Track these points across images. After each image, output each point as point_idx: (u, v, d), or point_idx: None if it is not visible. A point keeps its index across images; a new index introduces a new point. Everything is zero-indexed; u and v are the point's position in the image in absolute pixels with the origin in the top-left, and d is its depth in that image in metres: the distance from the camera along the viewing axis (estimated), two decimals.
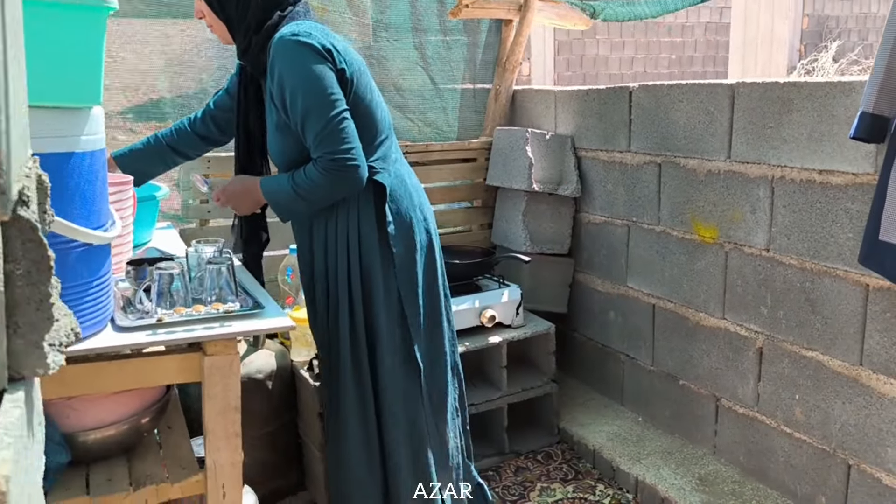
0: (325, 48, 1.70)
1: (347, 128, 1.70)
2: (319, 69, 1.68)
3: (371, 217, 1.85)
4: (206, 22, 1.86)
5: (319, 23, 1.83)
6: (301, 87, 1.68)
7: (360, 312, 1.89)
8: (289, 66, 1.69)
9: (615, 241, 2.82)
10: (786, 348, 2.17)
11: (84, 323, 1.45)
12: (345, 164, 1.70)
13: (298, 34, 1.69)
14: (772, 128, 2.12)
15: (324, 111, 1.68)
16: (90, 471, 1.62)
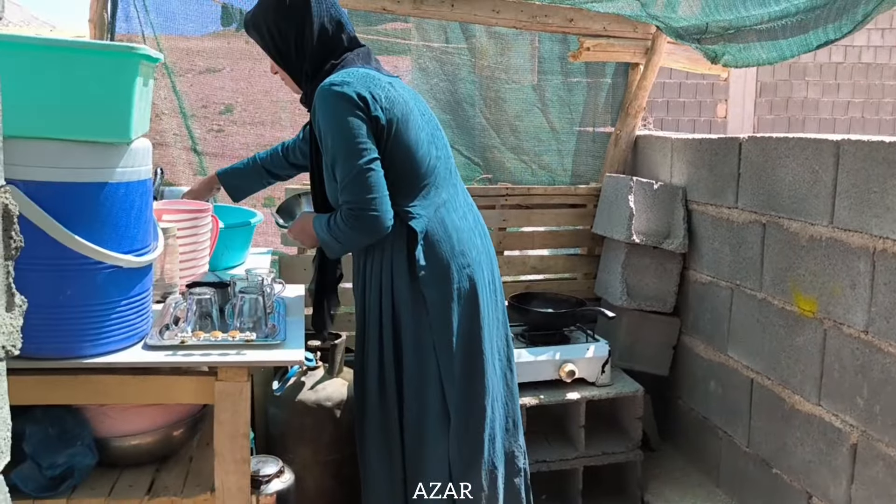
0: (360, 96, 1.74)
1: (372, 178, 1.73)
2: (349, 118, 1.73)
3: (403, 261, 1.85)
4: (279, 77, 1.98)
5: (374, 69, 1.88)
6: (331, 135, 1.75)
7: (389, 356, 1.89)
8: (322, 113, 1.76)
9: (719, 305, 2.58)
10: (881, 449, 1.85)
11: (110, 338, 1.59)
12: (365, 214, 1.74)
13: (336, 83, 1.76)
14: (876, 193, 1.84)
15: (349, 160, 1.73)
16: (121, 475, 1.75)
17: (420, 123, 1.87)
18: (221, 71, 3.04)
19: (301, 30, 1.85)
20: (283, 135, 3.02)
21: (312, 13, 1.85)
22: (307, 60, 1.86)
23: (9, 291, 1.11)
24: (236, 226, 2.41)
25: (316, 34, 1.85)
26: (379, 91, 1.79)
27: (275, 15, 1.85)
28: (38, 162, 1.43)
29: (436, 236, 1.86)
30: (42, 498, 1.61)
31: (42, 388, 1.57)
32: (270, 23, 1.85)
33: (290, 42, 1.86)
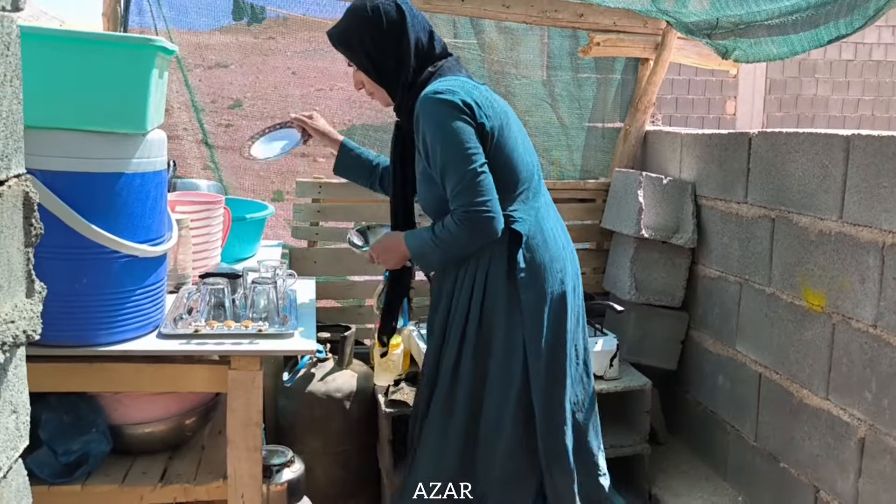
0: (465, 104, 1.76)
1: (483, 181, 1.75)
2: (458, 125, 1.75)
3: (503, 263, 1.86)
4: (366, 90, 1.98)
5: (466, 76, 1.91)
6: (440, 142, 1.76)
7: (469, 352, 1.89)
8: (430, 122, 1.77)
9: (727, 300, 2.59)
10: (888, 443, 1.86)
11: (125, 327, 1.62)
12: (480, 216, 1.75)
13: (440, 91, 1.77)
14: (885, 188, 1.85)
15: (460, 165, 1.74)
16: (134, 462, 1.78)
17: (516, 130, 1.91)
18: (230, 66, 3.06)
19: (398, 44, 1.86)
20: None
21: (408, 27, 1.87)
22: (404, 72, 1.87)
23: (29, 278, 1.13)
24: (243, 219, 2.43)
25: (413, 47, 1.87)
26: (481, 98, 1.81)
27: (371, 31, 1.85)
28: (56, 152, 1.46)
29: (535, 240, 1.88)
30: (57, 483, 1.63)
31: (58, 375, 1.60)
32: (367, 39, 1.86)
33: (388, 57, 1.86)
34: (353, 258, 2.91)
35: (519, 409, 1.88)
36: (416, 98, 1.83)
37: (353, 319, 2.86)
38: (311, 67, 3.15)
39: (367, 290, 2.90)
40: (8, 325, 1.01)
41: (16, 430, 1.09)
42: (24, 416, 1.11)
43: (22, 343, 1.05)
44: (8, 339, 1.00)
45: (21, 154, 1.06)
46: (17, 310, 1.06)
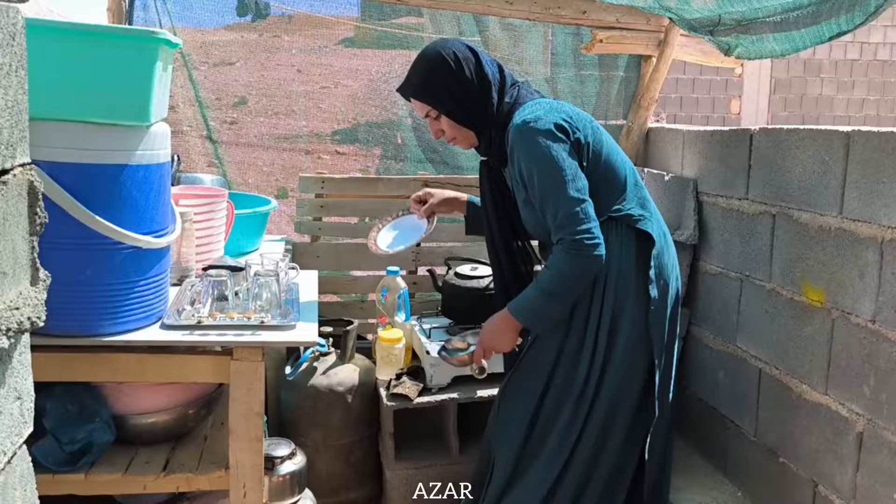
0: (557, 126, 1.79)
1: (587, 208, 1.77)
2: (553, 152, 1.76)
3: (632, 260, 1.89)
4: (446, 136, 1.99)
5: (543, 97, 1.94)
6: (537, 171, 1.78)
7: (590, 347, 1.91)
8: (525, 151, 1.79)
9: (728, 296, 2.59)
10: (886, 437, 1.87)
11: (129, 317, 1.64)
12: (584, 244, 1.75)
13: (529, 119, 1.80)
14: (885, 183, 1.85)
15: (560, 194, 1.76)
16: (137, 452, 1.80)
17: (606, 135, 1.95)
18: (235, 63, 3.08)
19: (480, 81, 1.89)
20: (297, 126, 3.06)
21: (484, 63, 1.91)
22: (490, 108, 1.89)
23: (33, 266, 1.15)
24: (247, 213, 2.45)
25: (492, 82, 1.90)
26: (568, 115, 1.84)
27: (452, 74, 1.87)
28: (60, 143, 1.47)
29: (661, 243, 1.95)
30: (61, 472, 1.65)
31: (62, 364, 1.61)
32: (450, 82, 1.87)
33: (472, 96, 1.88)
34: (354, 253, 2.93)
35: (635, 404, 1.93)
36: (504, 132, 1.87)
37: (356, 314, 2.88)
38: (316, 65, 3.17)
39: (370, 284, 2.91)
40: (13, 312, 1.03)
41: (20, 416, 1.11)
42: (29, 403, 1.13)
43: (26, 329, 1.07)
44: (13, 325, 1.01)
45: (26, 143, 1.07)
46: (21, 297, 1.07)
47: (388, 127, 3.14)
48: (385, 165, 3.15)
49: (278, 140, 3.06)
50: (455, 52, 1.88)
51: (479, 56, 1.91)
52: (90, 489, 1.69)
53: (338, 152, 3.29)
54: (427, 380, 2.50)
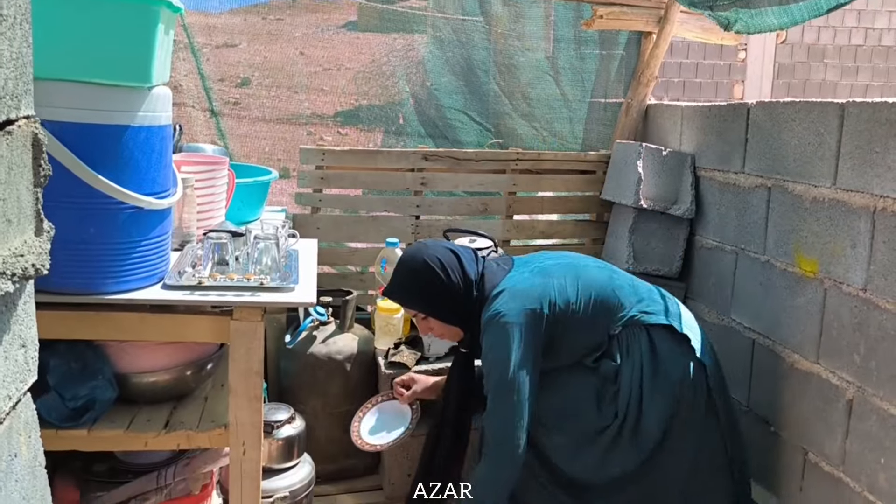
0: (525, 313, 1.86)
1: (519, 410, 1.82)
2: (511, 348, 1.84)
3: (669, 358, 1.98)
4: (434, 333, 2.09)
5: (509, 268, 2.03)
6: (490, 367, 1.87)
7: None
8: (486, 344, 1.90)
9: (723, 269, 2.62)
10: (875, 404, 1.90)
11: (131, 276, 1.66)
12: (508, 444, 1.82)
13: (497, 312, 1.88)
14: (878, 153, 1.87)
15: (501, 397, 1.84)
16: (139, 411, 1.83)
17: (591, 266, 2.07)
18: (239, 45, 3.10)
19: (463, 282, 1.98)
20: (299, 107, 3.07)
21: (463, 261, 2.00)
22: (461, 304, 1.98)
23: (38, 217, 1.18)
24: (248, 183, 2.47)
25: (473, 276, 1.99)
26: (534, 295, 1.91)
27: (437, 284, 1.97)
28: (63, 103, 1.49)
29: (677, 321, 2.06)
30: (65, 427, 1.69)
31: (65, 322, 1.64)
32: (439, 290, 1.97)
33: (458, 297, 1.97)
34: (354, 225, 2.96)
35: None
36: (479, 324, 1.95)
37: (355, 286, 2.91)
38: (319, 47, 3.19)
39: (369, 256, 2.94)
40: (17, 259, 1.06)
41: (24, 363, 1.14)
42: (33, 352, 1.16)
43: (31, 276, 1.10)
44: (17, 270, 1.04)
45: (30, 96, 1.10)
46: (26, 245, 1.10)
47: (389, 108, 3.16)
48: (387, 145, 3.17)
49: (280, 121, 3.08)
50: (440, 260, 1.98)
51: (460, 258, 2.00)
52: (93, 445, 1.73)
53: (339, 133, 3.31)
54: (425, 349, 2.54)
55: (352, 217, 2.96)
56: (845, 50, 8.08)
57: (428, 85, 3.18)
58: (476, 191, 3.05)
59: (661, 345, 1.96)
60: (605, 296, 1.99)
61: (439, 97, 3.16)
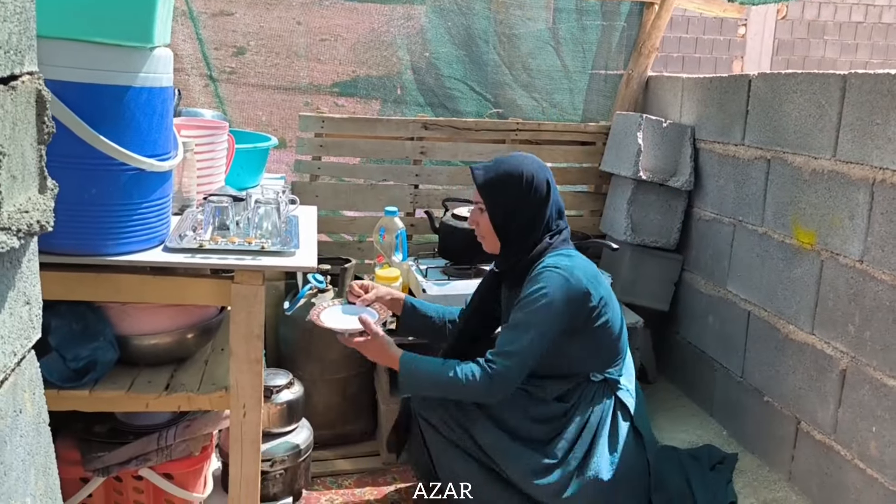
0: (579, 286, 1.89)
1: (528, 363, 1.86)
2: (558, 306, 1.86)
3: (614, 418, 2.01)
4: (478, 231, 2.07)
5: (573, 249, 2.04)
6: (534, 311, 1.86)
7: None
8: (539, 288, 1.88)
9: (721, 241, 2.63)
10: (868, 373, 1.93)
11: (132, 238, 1.66)
12: (510, 381, 1.85)
13: (563, 270, 1.90)
14: (878, 125, 1.88)
15: (530, 337, 1.85)
16: (140, 372, 1.84)
17: (614, 298, 2.05)
18: (235, 14, 3.06)
19: (535, 217, 1.98)
20: (296, 77, 3.04)
21: (549, 205, 1.99)
22: (529, 240, 1.99)
23: (42, 174, 1.18)
24: (248, 149, 2.46)
25: (544, 223, 1.99)
26: (591, 274, 1.95)
27: (518, 198, 1.96)
28: (65, 62, 1.48)
29: (639, 410, 2.08)
30: (66, 388, 1.70)
31: (67, 283, 1.65)
32: (511, 202, 1.97)
33: (521, 223, 1.98)
34: (353, 193, 2.95)
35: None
36: (529, 263, 1.96)
37: (354, 254, 2.92)
38: (317, 17, 3.15)
39: (368, 225, 2.95)
40: (22, 215, 1.06)
41: (29, 320, 1.15)
42: (37, 309, 1.17)
43: (36, 233, 1.10)
44: (23, 226, 1.05)
45: (34, 52, 1.09)
46: (30, 202, 1.10)
47: (387, 79, 3.14)
48: (385, 116, 3.15)
49: (277, 89, 3.06)
50: (534, 183, 1.96)
51: (550, 198, 1.99)
52: (94, 405, 1.74)
53: (336, 104, 3.29)
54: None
55: (350, 185, 2.96)
56: (845, 26, 8.04)
57: (427, 55, 3.16)
58: (475, 160, 3.04)
59: (622, 424, 2.00)
60: (617, 342, 2.03)
61: (439, 66, 3.14)
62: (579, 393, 1.99)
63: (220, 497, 2.12)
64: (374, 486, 2.41)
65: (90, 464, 1.80)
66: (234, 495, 1.83)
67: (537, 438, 1.97)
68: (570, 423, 1.97)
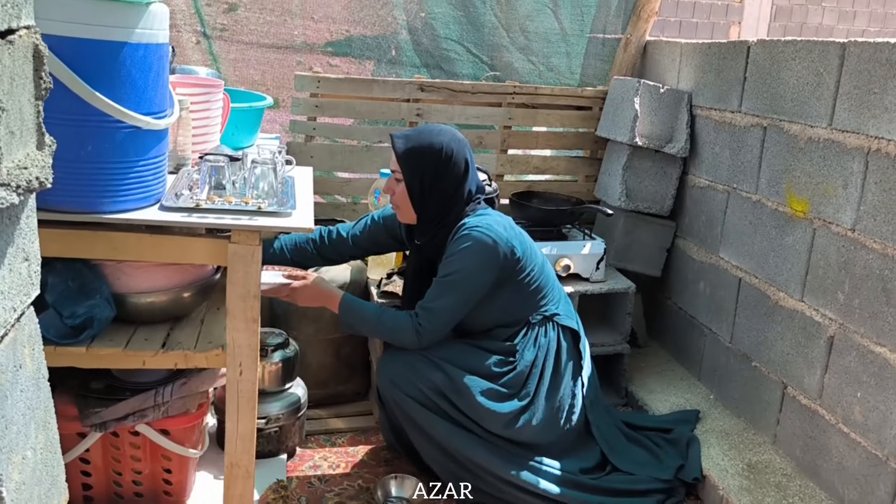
0: (500, 245, 2.01)
1: (450, 321, 2.04)
2: (481, 266, 2.01)
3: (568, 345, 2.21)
4: (392, 200, 2.13)
5: (490, 208, 2.15)
6: (459, 270, 2.01)
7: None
8: (463, 250, 2.01)
9: (714, 208, 2.65)
10: (856, 340, 1.96)
11: (128, 196, 1.66)
12: (422, 334, 2.02)
13: (481, 226, 2.02)
14: (876, 94, 1.88)
15: (451, 296, 2.01)
16: (137, 330, 1.85)
17: (537, 248, 2.21)
18: None
19: (452, 191, 2.06)
20: (289, 36, 3.00)
21: (467, 182, 2.08)
22: (444, 213, 2.07)
23: (39, 130, 1.17)
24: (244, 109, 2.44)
25: (463, 197, 2.08)
26: (510, 232, 2.07)
27: (435, 170, 2.04)
28: (60, 16, 1.46)
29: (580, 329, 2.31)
30: (63, 344, 1.71)
31: (63, 240, 1.64)
32: (428, 173, 2.04)
33: (436, 196, 2.05)
34: (348, 155, 2.94)
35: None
36: (447, 232, 2.06)
37: (348, 216, 2.92)
38: None
39: (363, 187, 2.94)
40: (21, 171, 1.06)
41: (28, 276, 1.15)
42: (36, 266, 1.17)
43: (34, 189, 1.10)
44: (22, 182, 1.04)
45: (31, 5, 1.08)
46: (29, 158, 1.10)
47: (382, 39, 3.10)
48: (380, 76, 3.12)
49: (270, 49, 3.02)
50: (453, 159, 2.03)
51: (468, 175, 2.07)
52: (91, 362, 1.75)
53: (330, 64, 3.25)
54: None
55: (346, 147, 2.95)
56: None
57: (423, 15, 3.12)
58: (471, 123, 3.03)
59: (566, 348, 2.18)
60: (546, 282, 2.18)
61: (435, 27, 3.11)
62: (523, 334, 2.14)
63: (216, 453, 2.15)
64: (366, 445, 2.45)
65: (87, 419, 1.82)
66: (230, 451, 1.86)
67: (491, 371, 2.09)
68: (521, 358, 2.11)
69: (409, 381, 2.06)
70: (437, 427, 2.07)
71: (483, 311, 2.10)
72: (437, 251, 2.10)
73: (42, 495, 1.16)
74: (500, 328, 2.16)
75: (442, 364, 2.06)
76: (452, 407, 2.07)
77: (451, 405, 2.06)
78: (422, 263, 2.21)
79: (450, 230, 2.06)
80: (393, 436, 2.25)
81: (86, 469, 1.90)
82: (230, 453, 1.87)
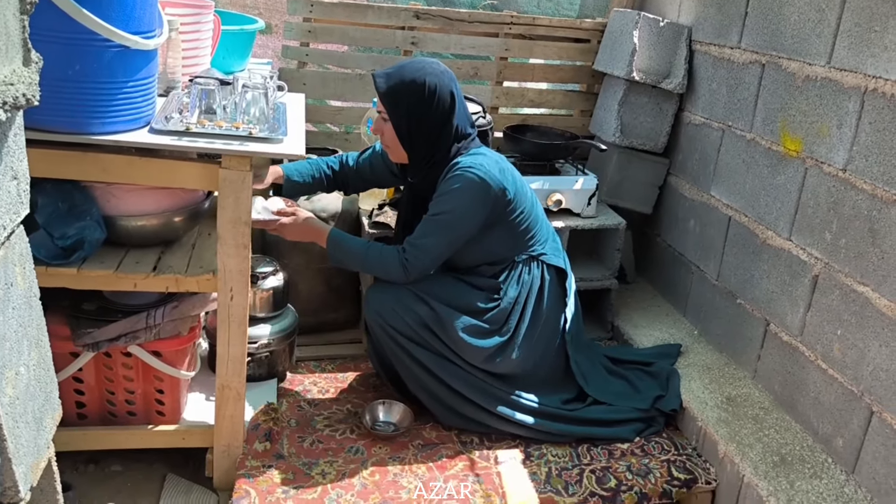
0: (493, 184, 2.00)
1: (437, 258, 2.06)
2: (470, 206, 2.01)
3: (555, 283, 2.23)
4: (382, 140, 2.11)
5: (486, 149, 2.12)
6: (449, 211, 2.00)
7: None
8: (454, 189, 2.00)
9: (708, 146, 2.64)
10: (840, 279, 1.99)
11: (117, 118, 1.65)
12: (409, 269, 2.04)
13: (473, 166, 2.00)
14: (877, 32, 1.85)
15: (440, 234, 2.02)
16: (128, 253, 1.86)
17: (528, 187, 2.19)
18: None
19: (440, 128, 2.02)
20: None
21: (454, 117, 2.03)
22: (434, 151, 2.04)
23: (25, 46, 1.15)
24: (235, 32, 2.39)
25: (451, 134, 2.04)
26: (503, 170, 2.06)
27: (420, 107, 1.99)
28: None
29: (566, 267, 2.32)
30: (54, 265, 1.72)
31: (52, 161, 1.63)
32: (414, 111, 2.00)
33: (425, 133, 2.02)
34: (341, 82, 2.90)
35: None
36: (439, 171, 2.04)
37: (340, 145, 2.90)
38: None
39: (355, 115, 2.91)
40: (7, 87, 1.04)
41: (17, 195, 1.15)
42: (25, 184, 1.17)
43: (22, 106, 1.08)
44: (8, 98, 1.03)
45: None
46: (15, 74, 1.08)
47: None
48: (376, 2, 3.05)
49: None
50: (437, 93, 1.99)
51: (454, 109, 2.02)
52: (83, 283, 1.76)
53: None
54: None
55: (339, 74, 2.90)
56: None
57: None
58: (467, 54, 2.98)
59: (549, 286, 2.20)
60: (535, 223, 2.18)
61: None
62: (508, 271, 2.16)
63: (208, 376, 2.19)
64: (355, 371, 2.49)
65: (80, 339, 1.84)
66: (221, 374, 1.90)
67: (476, 307, 2.12)
68: (505, 295, 2.14)
69: (394, 313, 2.09)
70: (420, 358, 2.12)
71: (471, 250, 2.12)
72: (430, 189, 2.09)
73: (36, 410, 1.19)
74: (486, 265, 2.18)
75: (427, 298, 2.09)
76: (436, 339, 2.11)
77: (435, 337, 2.10)
78: (416, 198, 2.20)
79: (442, 168, 2.05)
80: (380, 365, 2.29)
81: (79, 388, 1.93)
82: (221, 375, 1.90)
